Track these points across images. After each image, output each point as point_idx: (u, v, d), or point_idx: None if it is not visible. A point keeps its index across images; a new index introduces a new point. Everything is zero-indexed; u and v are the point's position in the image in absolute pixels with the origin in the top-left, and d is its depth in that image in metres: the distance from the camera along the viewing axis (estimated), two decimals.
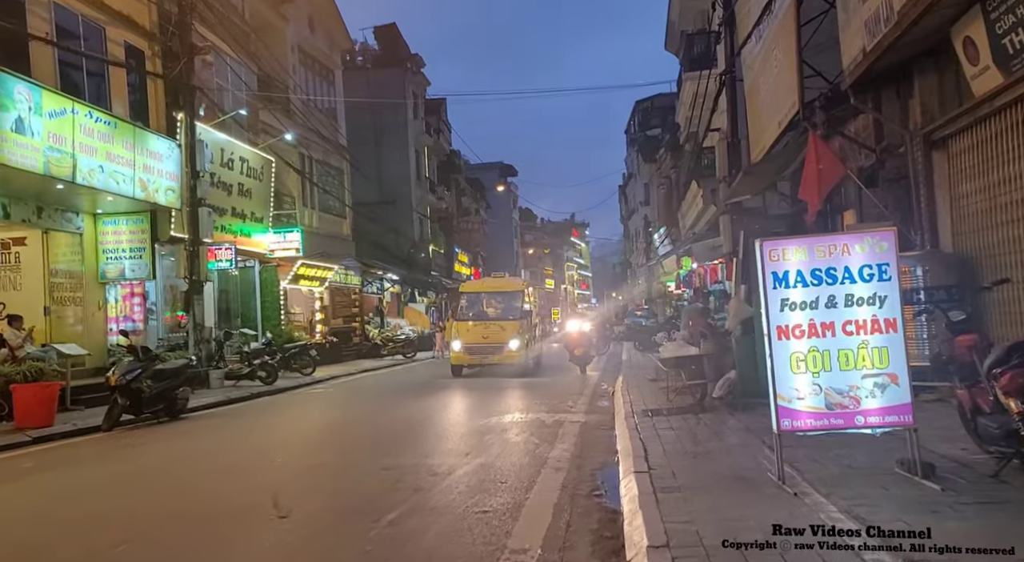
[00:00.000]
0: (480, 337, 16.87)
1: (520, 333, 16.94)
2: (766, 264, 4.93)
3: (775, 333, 4.92)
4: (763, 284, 4.93)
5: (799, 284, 4.90)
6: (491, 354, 16.60)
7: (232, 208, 17.80)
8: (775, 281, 4.91)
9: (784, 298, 4.90)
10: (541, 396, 12.17)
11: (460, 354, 16.87)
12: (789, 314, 4.90)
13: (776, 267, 4.92)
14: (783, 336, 4.91)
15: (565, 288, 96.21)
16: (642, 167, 46.81)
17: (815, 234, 6.55)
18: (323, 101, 25.91)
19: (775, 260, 4.93)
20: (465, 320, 17.70)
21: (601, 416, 9.53)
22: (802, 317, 4.89)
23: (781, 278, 4.91)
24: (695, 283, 26.43)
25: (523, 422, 9.13)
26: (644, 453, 6.23)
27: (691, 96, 21.46)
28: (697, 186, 20.14)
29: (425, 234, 38.19)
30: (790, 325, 4.90)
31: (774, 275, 4.92)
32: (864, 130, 10.19)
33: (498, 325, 17.29)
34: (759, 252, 4.95)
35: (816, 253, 4.91)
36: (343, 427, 9.90)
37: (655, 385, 11.10)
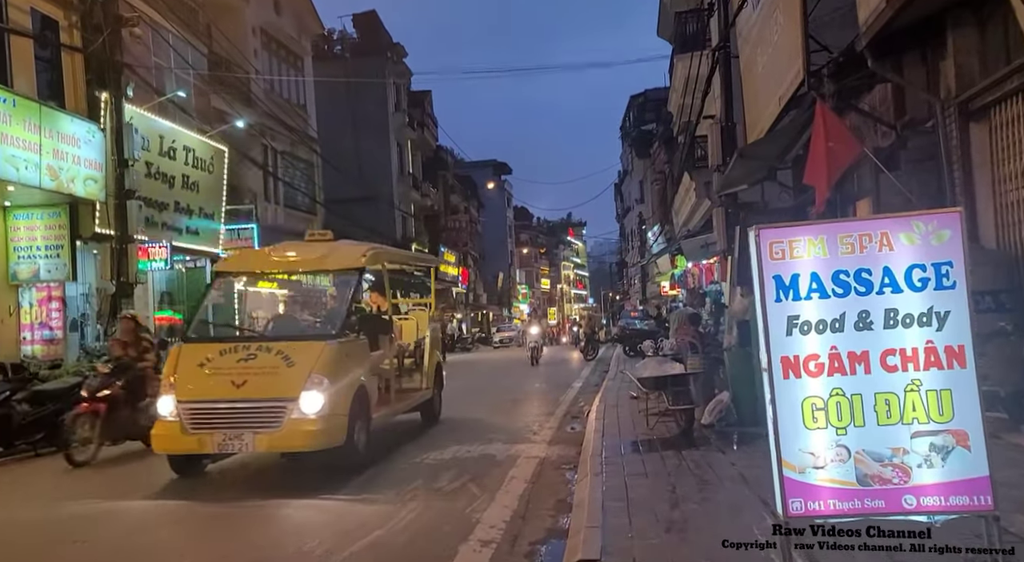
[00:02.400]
0: (228, 387, 6.58)
1: (340, 372, 6.83)
2: (766, 264, 3.28)
3: (778, 368, 3.26)
4: (761, 294, 3.28)
5: (815, 294, 3.24)
6: (253, 425, 6.43)
7: (175, 202, 16.10)
8: (779, 290, 3.25)
9: (793, 315, 3.24)
10: (505, 416, 10.52)
11: (172, 431, 6.56)
12: (800, 339, 3.24)
13: (781, 268, 3.26)
14: (791, 373, 3.24)
15: (561, 288, 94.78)
16: (636, 163, 45.20)
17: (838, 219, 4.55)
18: (291, 89, 24.23)
19: (779, 258, 3.27)
20: (200, 343, 7.54)
21: (567, 448, 7.87)
22: (820, 344, 3.23)
23: (788, 285, 3.25)
24: (689, 283, 24.80)
25: (468, 459, 7.46)
26: (602, 520, 4.59)
27: (683, 81, 19.81)
28: (689, 178, 18.49)
29: (409, 232, 36.50)
30: (802, 356, 3.23)
31: (778, 281, 3.26)
32: (882, 104, 8.54)
33: (274, 356, 6.88)
34: (755, 246, 3.29)
35: (841, 246, 3.25)
36: None
37: (637, 404, 9.42)
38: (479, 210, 57.76)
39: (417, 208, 38.27)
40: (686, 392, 7.74)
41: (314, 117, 25.65)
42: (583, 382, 15.94)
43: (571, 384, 15.16)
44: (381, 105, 34.36)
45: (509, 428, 9.35)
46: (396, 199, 34.53)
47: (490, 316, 57.20)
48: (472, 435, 8.82)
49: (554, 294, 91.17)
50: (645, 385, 8.07)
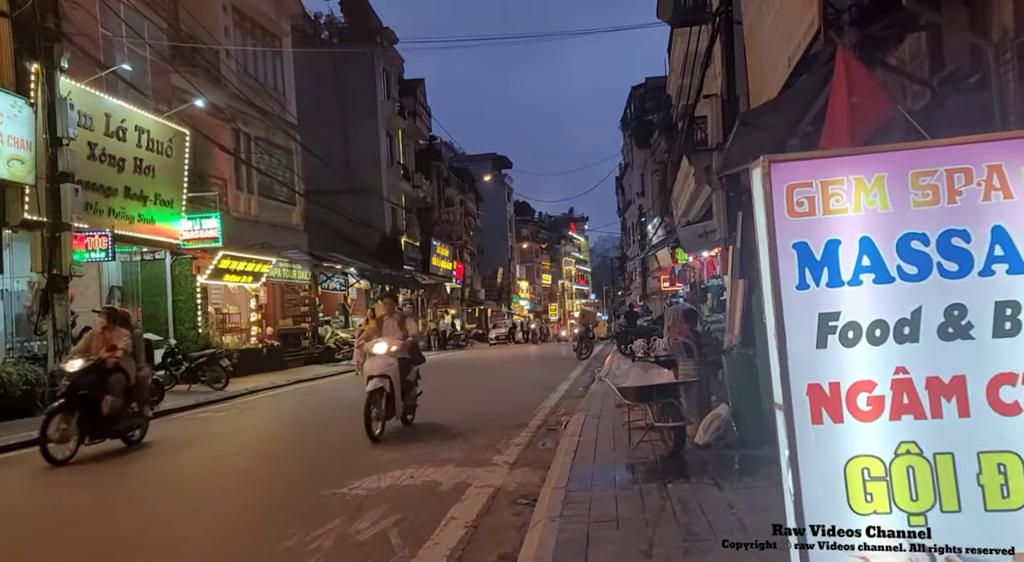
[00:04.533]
0: None
1: None
2: (781, 225, 1.91)
3: (803, 405, 1.89)
4: (773, 277, 1.89)
5: (868, 276, 1.89)
6: None
7: (126, 188, 14.75)
8: (805, 268, 1.89)
9: (829, 312, 1.88)
10: (472, 426, 9.13)
11: None
12: (843, 355, 1.87)
13: (808, 231, 1.90)
14: (826, 413, 1.88)
15: (563, 284, 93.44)
16: (636, 154, 43.75)
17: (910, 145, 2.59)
18: (267, 72, 22.83)
19: (804, 212, 1.91)
20: None
21: (532, 472, 6.49)
22: (877, 363, 1.87)
23: (821, 260, 1.89)
24: (690, 278, 23.41)
25: (407, 489, 6.08)
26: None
27: (682, 59, 18.38)
28: (688, 163, 17.06)
29: (400, 225, 35.14)
30: (845, 384, 1.88)
31: (802, 253, 1.90)
32: (914, 57, 7.12)
33: None
34: (762, 193, 1.90)
35: (915, 192, 1.91)
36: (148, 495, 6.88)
37: (622, 416, 8.02)
38: (477, 204, 56.36)
39: (408, 200, 36.88)
40: (675, 406, 6.35)
41: (293, 102, 24.25)
42: (570, 384, 14.57)
43: (557, 386, 13.79)
44: (370, 92, 32.96)
45: (471, 443, 7.96)
46: (385, 190, 33.15)
47: (488, 312, 55.86)
48: (426, 453, 7.44)
49: (555, 290, 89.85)
50: (627, 396, 6.69)
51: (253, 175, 21.24)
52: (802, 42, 7.74)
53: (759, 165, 1.87)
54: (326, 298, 26.91)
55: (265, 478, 6.54)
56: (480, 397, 12.94)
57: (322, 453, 7.87)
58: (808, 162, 1.92)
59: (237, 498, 5.92)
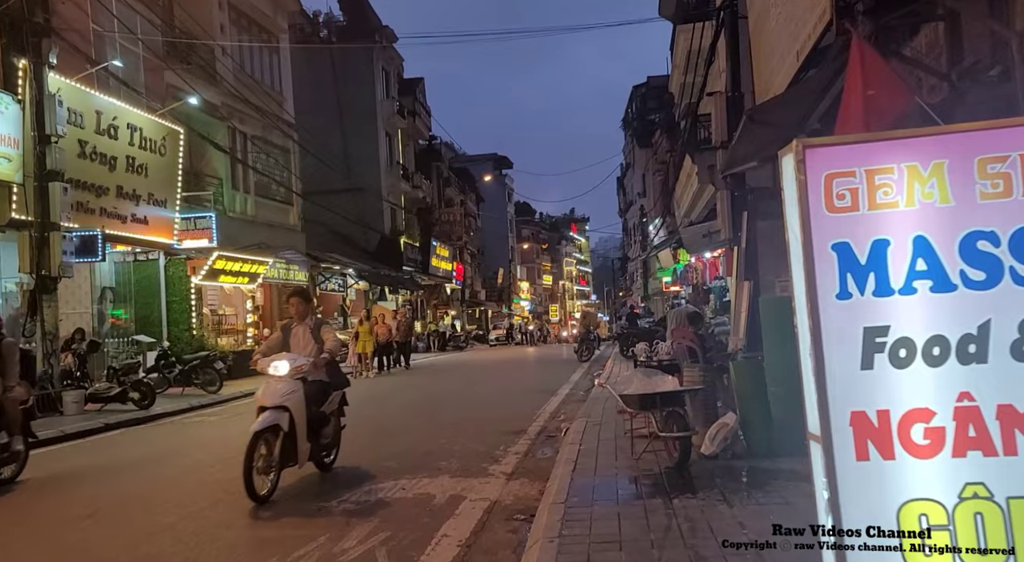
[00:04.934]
0: None
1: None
2: (819, 222, 1.61)
3: (845, 436, 1.58)
4: (808, 285, 1.59)
5: (924, 283, 1.59)
6: None
7: (118, 187, 14.44)
8: (847, 274, 1.60)
9: (877, 327, 1.59)
10: (468, 433, 8.83)
11: None
12: (893, 377, 1.58)
13: (851, 229, 1.61)
14: (874, 448, 1.59)
15: (564, 284, 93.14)
16: (638, 154, 43.44)
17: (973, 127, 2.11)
18: (264, 70, 22.53)
19: (845, 207, 1.63)
20: None
21: (530, 484, 6.19)
22: (937, 387, 1.57)
23: (866, 265, 1.60)
24: (692, 279, 23.10)
25: (398, 502, 5.78)
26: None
27: (685, 56, 18.09)
28: (691, 162, 16.74)
29: (399, 226, 34.83)
30: (897, 413, 1.57)
31: (843, 256, 1.61)
32: (931, 49, 6.81)
33: None
34: (794, 180, 1.59)
35: (982, 182, 1.59)
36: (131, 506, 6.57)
37: (624, 423, 7.70)
38: (478, 204, 56.08)
39: (408, 200, 36.57)
40: (680, 415, 6.04)
41: (291, 101, 23.95)
42: (571, 387, 14.25)
43: (557, 390, 13.47)
44: (369, 92, 32.69)
45: (467, 451, 7.66)
46: (384, 190, 32.85)
47: (489, 313, 55.56)
48: (418, 462, 7.14)
49: (556, 290, 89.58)
50: (629, 404, 6.37)
51: (250, 174, 20.93)
52: (812, 34, 7.44)
53: (790, 151, 1.57)
54: (325, 299, 26.59)
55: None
56: (478, 401, 12.64)
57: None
58: (851, 147, 1.62)
59: (217, 511, 5.61)
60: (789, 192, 1.59)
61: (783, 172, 1.62)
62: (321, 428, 6.33)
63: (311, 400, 6.11)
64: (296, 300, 6.66)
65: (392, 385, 16.74)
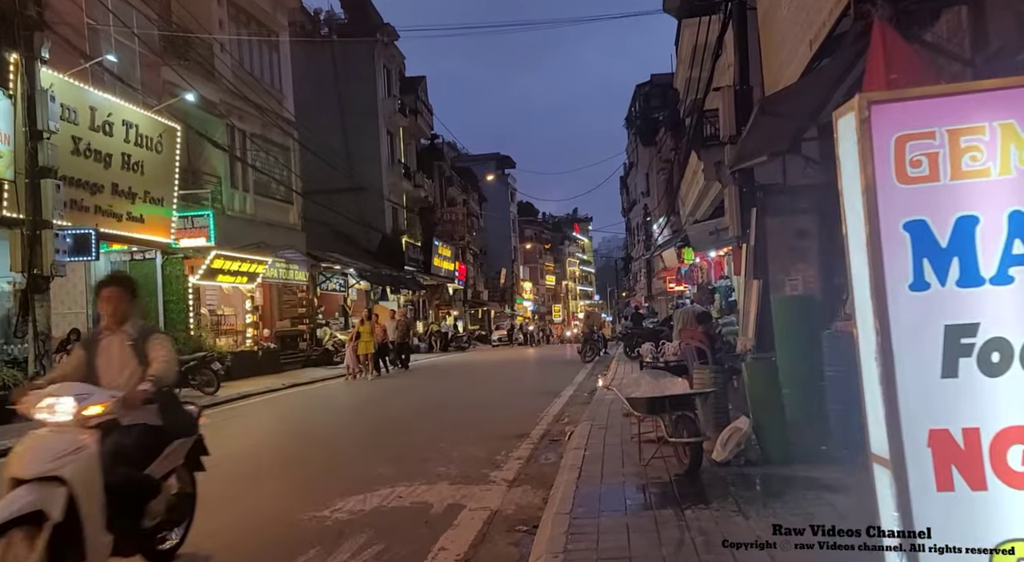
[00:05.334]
0: None
1: None
2: (886, 194, 1.29)
3: (923, 459, 1.27)
4: (875, 273, 1.28)
5: (1023, 269, 1.26)
6: None
7: (113, 184, 14.17)
8: (923, 259, 1.27)
9: (962, 325, 1.27)
10: (469, 436, 8.54)
11: None
12: (981, 385, 1.28)
13: (929, 203, 1.29)
14: (959, 474, 1.27)
15: (567, 285, 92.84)
16: (642, 152, 43.09)
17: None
18: (264, 67, 22.27)
19: (921, 176, 1.31)
20: None
21: (533, 492, 5.89)
22: None
23: (948, 248, 1.28)
24: (697, 278, 22.78)
25: (394, 511, 5.49)
26: None
27: (690, 50, 17.77)
28: (697, 158, 16.43)
29: (400, 225, 34.55)
30: (986, 430, 1.27)
31: (920, 236, 1.28)
32: (954, 34, 6.48)
33: None
34: (855, 144, 1.28)
35: None
36: None
37: (630, 425, 7.40)
38: (480, 204, 55.81)
39: (410, 199, 36.29)
40: (691, 419, 5.74)
41: (291, 99, 23.69)
42: (575, 389, 13.95)
43: (560, 392, 13.17)
44: (370, 90, 32.42)
45: (467, 456, 7.36)
46: (386, 189, 32.58)
47: (492, 313, 55.27)
48: (416, 468, 6.85)
49: (559, 291, 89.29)
50: (637, 408, 6.08)
51: (249, 173, 20.66)
52: (827, 21, 7.12)
53: (851, 109, 1.27)
54: (326, 299, 26.33)
55: (238, 497, 5.95)
56: (479, 403, 12.34)
57: (305, 467, 7.29)
58: (930, 102, 1.31)
59: (202, 522, 5.30)
60: (848, 160, 1.29)
61: (839, 136, 1.33)
62: (144, 503, 3.91)
63: (121, 458, 3.70)
64: (112, 292, 4.13)
65: (392, 387, 16.46)
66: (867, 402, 1.31)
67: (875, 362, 1.25)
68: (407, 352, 20.91)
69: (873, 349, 1.26)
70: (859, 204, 1.27)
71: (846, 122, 1.31)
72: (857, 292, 1.31)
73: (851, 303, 1.37)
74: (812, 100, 7.71)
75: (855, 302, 1.33)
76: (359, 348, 18.00)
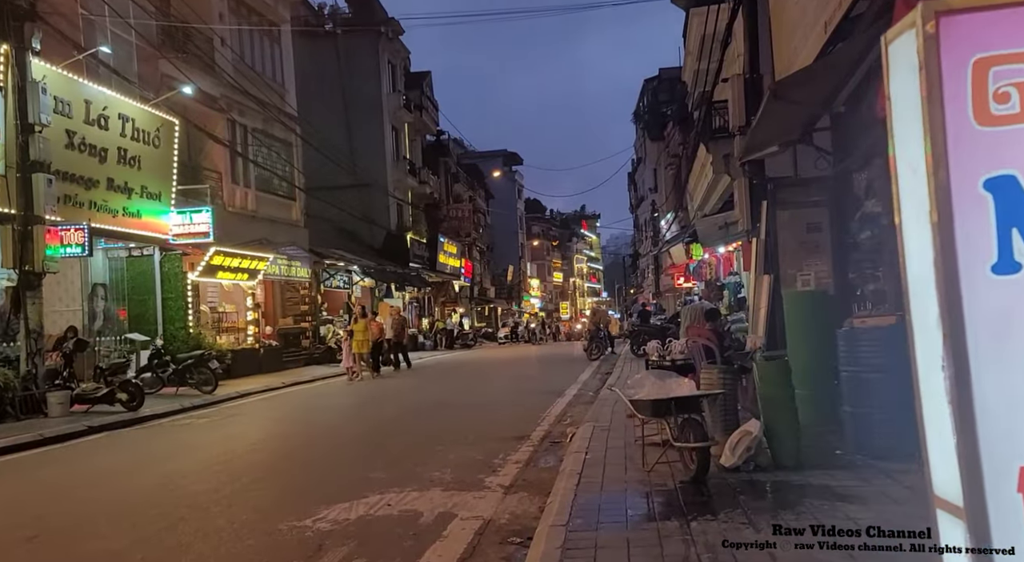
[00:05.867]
0: None
1: None
2: (964, 141, 0.92)
3: (1011, 505, 0.90)
4: (942, 251, 0.92)
5: None
6: None
7: (109, 179, 13.92)
8: (1015, 232, 0.90)
9: None
10: (467, 436, 8.21)
11: None
12: None
13: (1022, 155, 0.91)
14: None
15: (574, 282, 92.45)
16: (650, 148, 42.64)
17: None
18: (265, 61, 21.99)
19: (1012, 114, 0.92)
20: None
21: (529, 499, 5.56)
22: None
23: None
24: (705, 274, 22.37)
25: (379, 521, 5.17)
26: None
27: (698, 42, 17.37)
28: (706, 151, 16.03)
29: (405, 222, 34.27)
30: None
31: (1007, 197, 0.91)
32: None
33: None
34: (916, 71, 0.92)
35: None
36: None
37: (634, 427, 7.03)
38: (487, 201, 55.50)
39: (415, 196, 36.00)
40: (698, 422, 5.38)
41: (293, 93, 23.39)
42: (579, 387, 13.61)
43: (564, 391, 12.82)
44: (375, 85, 32.12)
45: (463, 460, 7.03)
46: (390, 186, 32.29)
47: (499, 311, 54.98)
48: (409, 473, 6.52)
49: (567, 288, 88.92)
50: (641, 411, 5.72)
51: (250, 168, 20.39)
52: (843, 1, 6.76)
53: (909, 25, 0.92)
54: (330, 296, 26.08)
55: (218, 504, 5.63)
56: (480, 403, 12.01)
57: (292, 470, 6.98)
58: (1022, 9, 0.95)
59: (177, 531, 5.02)
60: (904, 95, 0.93)
61: (891, 65, 0.98)
62: None
63: None
64: None
65: (392, 386, 16.16)
66: (928, 427, 0.95)
67: (942, 373, 0.90)
68: (404, 351, 20.36)
69: (939, 355, 0.91)
70: (919, 156, 0.91)
71: (902, 45, 0.95)
72: (914, 277, 0.96)
73: (904, 292, 1.02)
74: (827, 84, 7.33)
75: (910, 291, 0.98)
76: (353, 347, 17.22)
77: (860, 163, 8.61)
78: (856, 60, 6.97)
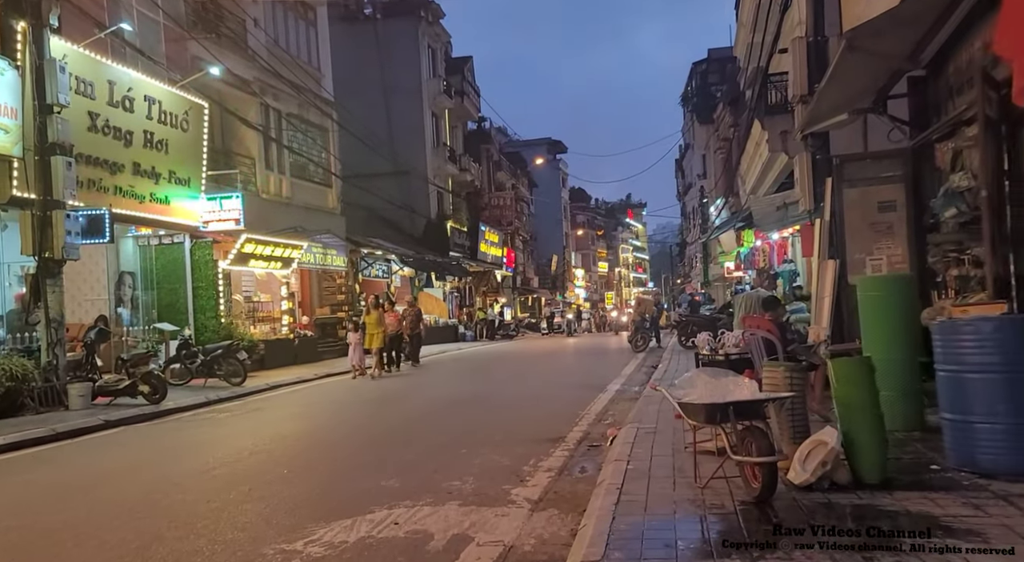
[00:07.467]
0: None
1: None
2: None
3: None
4: None
5: None
6: None
7: (135, 164, 13.56)
8: None
9: None
10: (496, 438, 7.43)
11: None
12: None
13: None
14: None
15: (620, 272, 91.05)
16: (698, 132, 41.10)
17: None
18: (300, 44, 21.50)
19: None
20: None
21: (559, 519, 4.75)
22: None
23: None
24: (758, 262, 21.14)
25: (385, 543, 4.44)
26: None
27: (752, 11, 16.16)
28: (761, 128, 14.87)
29: (446, 210, 33.69)
30: None
31: None
32: None
33: None
34: None
35: None
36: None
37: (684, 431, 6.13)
38: (530, 189, 54.65)
39: (455, 184, 35.38)
40: (762, 432, 4.48)
41: (329, 78, 22.91)
42: (623, 381, 12.74)
43: (606, 386, 11.96)
44: (414, 70, 31.54)
45: (488, 466, 6.26)
46: (430, 173, 31.72)
47: (542, 301, 54.18)
48: (425, 481, 5.77)
49: (612, 278, 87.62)
50: (692, 416, 4.84)
51: (284, 154, 19.96)
52: None
53: None
54: (369, 286, 25.61)
55: (204, 518, 4.95)
56: (514, 399, 11.22)
57: (299, 476, 6.29)
58: None
59: (155, 549, 4.35)
60: None
61: None
62: None
63: None
64: None
65: (422, 381, 15.37)
66: None
67: None
68: (417, 345, 18.61)
69: None
70: None
71: None
72: None
73: None
74: (913, 33, 6.26)
75: None
76: (365, 342, 15.18)
77: (945, 132, 7.49)
78: (951, 2, 5.91)
